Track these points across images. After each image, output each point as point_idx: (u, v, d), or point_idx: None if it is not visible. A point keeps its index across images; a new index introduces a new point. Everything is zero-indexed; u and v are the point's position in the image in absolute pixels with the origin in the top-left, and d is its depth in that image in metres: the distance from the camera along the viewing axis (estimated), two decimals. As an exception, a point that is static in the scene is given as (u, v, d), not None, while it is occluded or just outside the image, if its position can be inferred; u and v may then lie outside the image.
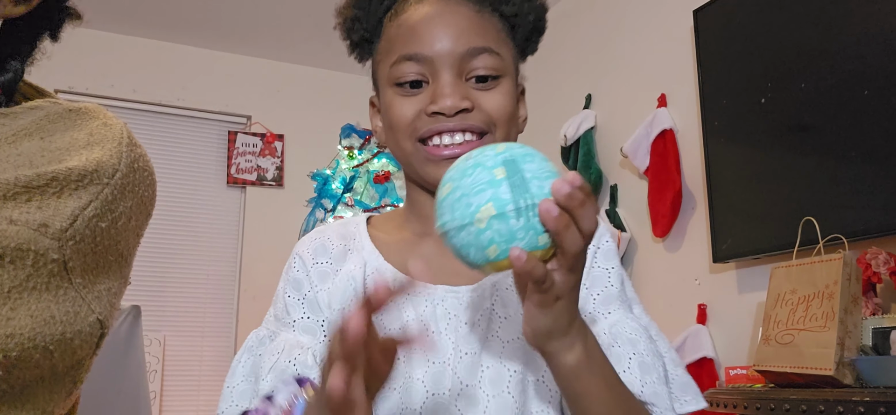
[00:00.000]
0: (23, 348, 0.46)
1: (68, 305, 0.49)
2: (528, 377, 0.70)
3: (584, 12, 3.07)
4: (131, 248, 0.57)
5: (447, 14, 0.72)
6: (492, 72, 0.73)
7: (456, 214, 0.52)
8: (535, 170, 0.52)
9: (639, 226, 2.62)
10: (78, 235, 0.50)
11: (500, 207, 0.50)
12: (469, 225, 0.51)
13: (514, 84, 0.76)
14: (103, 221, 0.52)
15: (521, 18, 0.78)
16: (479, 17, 0.74)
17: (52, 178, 0.49)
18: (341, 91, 3.90)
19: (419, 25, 0.72)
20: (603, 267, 0.75)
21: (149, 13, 3.37)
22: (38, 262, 0.47)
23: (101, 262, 0.53)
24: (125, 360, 2.15)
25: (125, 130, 0.58)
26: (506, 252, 0.51)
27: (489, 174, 0.51)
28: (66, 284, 0.49)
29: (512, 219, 0.50)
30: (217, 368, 3.54)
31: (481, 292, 0.73)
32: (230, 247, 3.68)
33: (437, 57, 0.71)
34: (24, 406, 0.49)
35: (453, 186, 0.53)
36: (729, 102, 2.22)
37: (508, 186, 0.50)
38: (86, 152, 0.53)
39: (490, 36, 0.74)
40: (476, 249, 0.52)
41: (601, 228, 0.67)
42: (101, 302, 0.53)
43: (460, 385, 0.68)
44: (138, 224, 0.58)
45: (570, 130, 2.85)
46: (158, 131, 3.63)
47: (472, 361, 0.69)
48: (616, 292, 0.74)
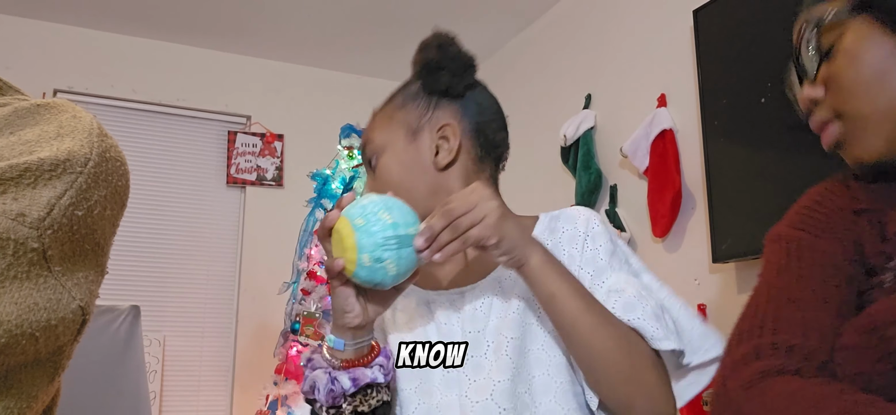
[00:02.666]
0: (10, 335, 0.47)
1: (50, 292, 0.50)
2: (527, 345, 0.84)
3: (584, 12, 3.07)
4: (108, 237, 0.58)
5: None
6: (372, 155, 0.94)
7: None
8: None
9: (638, 226, 2.62)
10: (55, 224, 0.51)
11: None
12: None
13: (402, 145, 0.92)
14: (79, 210, 0.53)
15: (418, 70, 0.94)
16: (377, 115, 0.96)
17: (25, 168, 0.50)
18: (341, 91, 3.90)
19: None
20: (592, 248, 0.88)
21: (149, 13, 3.37)
22: (18, 251, 0.48)
23: (78, 250, 0.53)
24: (125, 360, 2.15)
25: (95, 122, 0.58)
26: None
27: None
28: (46, 272, 0.50)
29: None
30: (217, 368, 3.54)
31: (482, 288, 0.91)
32: (230, 247, 3.68)
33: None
34: (8, 391, 0.50)
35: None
36: (729, 102, 2.22)
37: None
38: (57, 143, 0.54)
39: (375, 126, 0.95)
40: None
41: (588, 215, 0.90)
42: (81, 289, 0.54)
43: (469, 358, 0.86)
44: (114, 214, 0.58)
45: (569, 129, 2.85)
46: (158, 131, 3.63)
47: (477, 338, 0.86)
48: (604, 264, 0.86)
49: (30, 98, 0.60)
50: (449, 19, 3.44)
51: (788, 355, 0.63)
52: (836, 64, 0.71)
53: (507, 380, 0.81)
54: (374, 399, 0.82)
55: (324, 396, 0.80)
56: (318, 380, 0.81)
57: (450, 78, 0.91)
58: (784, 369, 0.62)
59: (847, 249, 0.71)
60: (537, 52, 3.39)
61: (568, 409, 0.81)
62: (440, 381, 0.85)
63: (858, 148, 0.71)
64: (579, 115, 2.89)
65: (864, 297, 0.68)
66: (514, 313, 0.85)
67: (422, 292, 0.94)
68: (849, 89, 0.70)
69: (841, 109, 0.71)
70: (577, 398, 0.82)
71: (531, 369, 0.83)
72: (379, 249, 0.74)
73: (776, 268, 0.72)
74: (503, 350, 0.83)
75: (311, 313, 2.71)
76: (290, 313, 2.78)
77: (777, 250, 0.74)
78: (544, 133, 3.12)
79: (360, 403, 0.81)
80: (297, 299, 2.76)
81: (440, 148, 0.91)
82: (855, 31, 0.69)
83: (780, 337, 0.65)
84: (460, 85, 0.92)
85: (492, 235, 0.76)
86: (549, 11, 3.29)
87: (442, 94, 0.92)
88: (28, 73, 3.33)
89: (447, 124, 0.91)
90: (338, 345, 0.82)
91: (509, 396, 0.81)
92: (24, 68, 3.34)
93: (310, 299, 2.73)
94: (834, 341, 0.63)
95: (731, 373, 0.65)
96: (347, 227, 0.75)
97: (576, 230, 0.89)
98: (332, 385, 0.80)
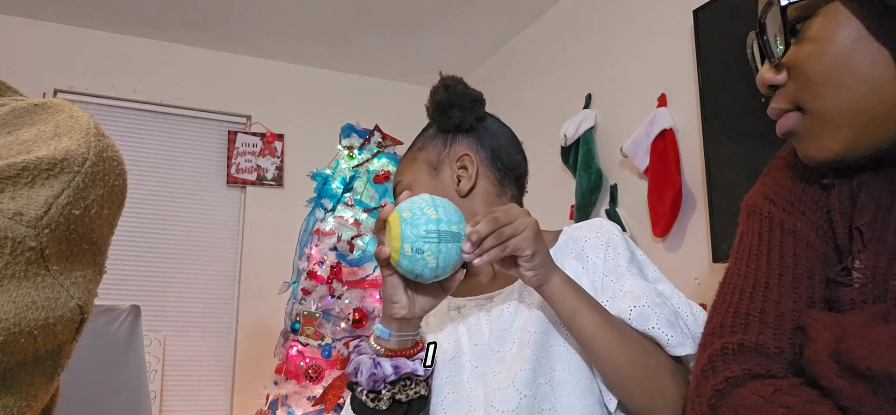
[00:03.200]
0: (9, 333, 0.47)
1: (47, 291, 0.51)
2: (550, 340, 0.89)
3: (584, 12, 3.07)
4: (105, 237, 0.59)
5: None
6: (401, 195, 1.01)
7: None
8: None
9: (639, 226, 2.62)
10: (53, 224, 0.51)
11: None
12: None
13: (427, 181, 1.01)
14: (76, 209, 0.53)
15: (433, 117, 1.04)
16: (402, 161, 1.07)
17: (22, 167, 0.50)
18: (341, 91, 3.90)
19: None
20: (613, 256, 0.94)
21: (149, 13, 3.37)
22: (16, 250, 0.48)
23: (76, 250, 0.54)
24: (125, 360, 2.15)
25: (91, 121, 0.59)
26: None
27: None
28: (43, 271, 0.50)
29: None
30: (217, 368, 3.54)
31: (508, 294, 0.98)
32: (230, 247, 3.68)
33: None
34: (8, 390, 0.50)
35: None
36: (729, 102, 2.22)
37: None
38: (54, 143, 0.54)
39: (401, 170, 1.06)
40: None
41: (610, 227, 0.96)
42: (79, 288, 0.54)
43: (495, 353, 0.92)
44: (111, 213, 0.59)
45: (570, 129, 2.85)
46: (158, 131, 3.63)
47: (503, 335, 0.92)
48: (624, 268, 0.92)
49: (27, 98, 0.61)
50: (449, 19, 3.44)
51: (758, 357, 0.62)
52: (802, 51, 0.66)
53: (529, 369, 0.86)
54: (412, 390, 0.87)
55: (365, 379, 0.85)
56: (361, 364, 0.87)
57: (460, 113, 1.00)
58: (754, 373, 0.60)
59: (819, 227, 0.70)
60: (537, 52, 3.39)
61: (585, 404, 0.86)
62: (470, 374, 0.92)
63: (813, 147, 0.68)
64: (579, 114, 2.89)
65: (831, 288, 0.67)
66: (538, 311, 0.91)
67: (453, 299, 1.01)
68: (814, 83, 0.65)
69: (802, 102, 0.67)
70: (594, 395, 0.87)
71: (553, 362, 0.88)
72: (420, 241, 0.79)
73: (748, 249, 0.72)
74: (527, 343, 0.89)
75: (311, 313, 2.71)
76: (291, 312, 2.78)
77: (751, 227, 0.74)
78: (544, 133, 3.12)
79: (399, 391, 0.87)
80: (298, 299, 2.76)
81: (461, 177, 1.01)
82: (826, 15, 0.64)
83: (749, 336, 0.64)
84: (471, 118, 1.01)
85: (528, 248, 0.82)
86: (549, 11, 3.29)
87: (456, 129, 1.02)
88: (28, 73, 3.33)
89: (465, 155, 1.01)
90: (383, 334, 0.87)
91: (530, 384, 0.86)
92: (25, 68, 3.34)
93: (310, 299, 2.73)
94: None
95: (696, 390, 0.63)
96: (396, 218, 0.81)
97: (599, 239, 0.96)
98: (374, 369, 0.85)
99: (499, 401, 0.85)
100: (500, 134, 1.05)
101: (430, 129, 1.05)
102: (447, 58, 3.79)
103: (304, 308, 2.72)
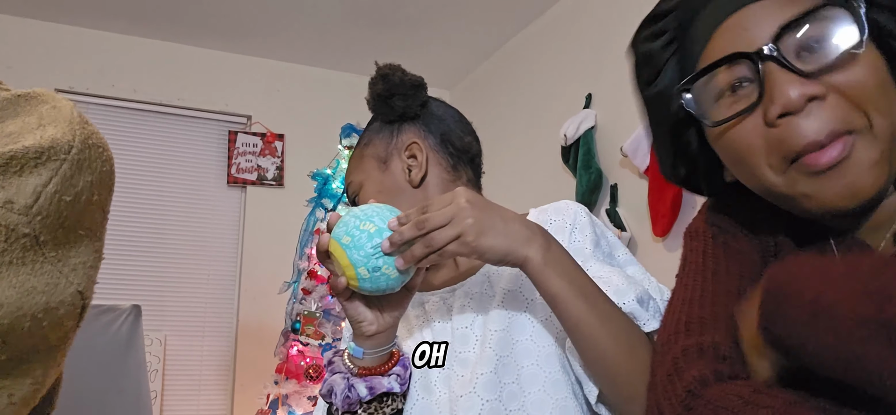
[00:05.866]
0: (13, 316, 0.48)
1: (46, 277, 0.52)
2: (514, 336, 0.86)
3: (584, 12, 3.07)
4: (99, 223, 0.59)
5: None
6: (353, 195, 1.00)
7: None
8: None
9: (639, 225, 2.62)
10: (43, 211, 0.51)
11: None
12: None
13: (377, 176, 0.97)
14: (66, 195, 0.54)
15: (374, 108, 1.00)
16: (350, 160, 1.03)
17: (10, 157, 0.51)
18: (341, 91, 3.90)
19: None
20: (579, 239, 0.90)
21: (149, 13, 3.37)
22: (11, 236, 0.49)
23: (71, 236, 0.54)
24: (126, 359, 2.16)
25: (75, 110, 0.60)
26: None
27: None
28: (40, 258, 0.51)
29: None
30: (217, 368, 3.54)
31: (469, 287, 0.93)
32: (230, 247, 3.68)
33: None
34: (23, 375, 0.51)
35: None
36: (729, 102, 2.22)
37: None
38: (39, 132, 0.55)
39: (350, 170, 1.01)
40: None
41: (576, 208, 0.91)
42: (78, 275, 0.55)
43: (457, 354, 0.88)
44: (102, 199, 0.59)
45: (570, 129, 2.85)
46: (158, 131, 3.63)
47: (465, 334, 0.89)
48: (589, 252, 0.88)
49: (10, 89, 0.61)
50: (449, 19, 3.44)
51: (718, 358, 0.61)
52: (850, 71, 0.58)
53: (490, 372, 0.82)
54: (389, 408, 0.84)
55: (340, 401, 0.82)
56: (335, 385, 0.84)
57: (403, 102, 0.97)
58: (723, 374, 0.59)
59: (765, 248, 0.69)
60: (537, 52, 3.39)
61: (557, 398, 0.81)
62: (437, 378, 0.87)
63: (870, 176, 0.57)
64: (580, 114, 2.89)
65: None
66: (498, 306, 0.87)
67: (417, 294, 0.96)
68: (876, 94, 0.57)
69: (868, 115, 0.57)
70: (568, 387, 0.82)
71: (519, 359, 0.84)
72: (371, 259, 0.76)
73: (693, 269, 0.71)
74: (487, 342, 0.85)
75: (311, 313, 2.71)
76: (291, 312, 2.78)
77: (694, 249, 0.73)
78: (544, 133, 3.12)
79: (375, 410, 0.83)
80: (298, 299, 2.77)
81: (411, 167, 0.96)
82: (867, 63, 0.58)
83: (705, 338, 0.62)
84: (414, 105, 0.97)
85: (470, 253, 0.75)
86: (549, 11, 3.29)
87: (400, 119, 0.98)
88: (28, 73, 3.34)
89: (412, 143, 0.97)
90: (357, 353, 0.84)
91: (493, 387, 0.82)
92: (25, 68, 3.35)
93: (310, 299, 2.73)
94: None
95: (664, 392, 0.62)
96: (338, 248, 0.78)
97: (563, 221, 0.91)
98: (348, 392, 0.82)
99: (462, 409, 0.82)
100: (447, 117, 1.00)
101: (375, 122, 1.01)
102: (447, 58, 3.79)
103: (304, 308, 2.72)
